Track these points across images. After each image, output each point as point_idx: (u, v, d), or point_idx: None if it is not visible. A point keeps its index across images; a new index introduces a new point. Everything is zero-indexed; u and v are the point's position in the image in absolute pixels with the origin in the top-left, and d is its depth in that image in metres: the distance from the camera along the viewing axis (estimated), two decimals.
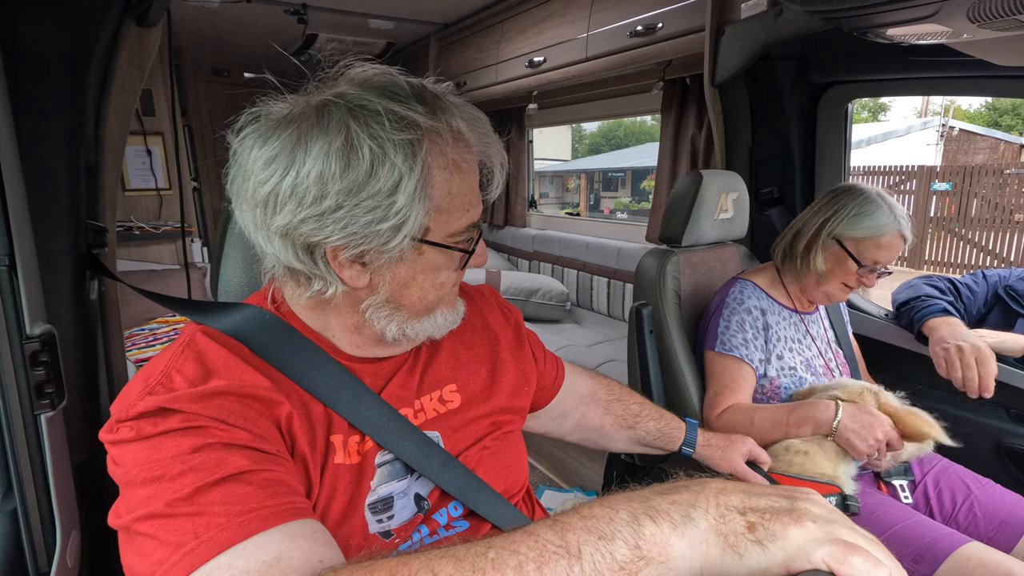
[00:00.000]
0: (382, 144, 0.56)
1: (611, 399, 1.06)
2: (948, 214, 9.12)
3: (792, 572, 0.38)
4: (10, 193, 0.67)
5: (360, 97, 0.58)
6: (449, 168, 0.60)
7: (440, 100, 0.61)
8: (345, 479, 0.63)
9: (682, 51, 1.88)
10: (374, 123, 0.56)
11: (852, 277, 1.22)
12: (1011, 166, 9.22)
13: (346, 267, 0.61)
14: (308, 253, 0.60)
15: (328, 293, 0.62)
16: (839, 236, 1.21)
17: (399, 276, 0.63)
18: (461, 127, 0.61)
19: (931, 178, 9.29)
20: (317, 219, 0.57)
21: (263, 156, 0.58)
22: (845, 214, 1.21)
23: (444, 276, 0.66)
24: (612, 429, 1.05)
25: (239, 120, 0.61)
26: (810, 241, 1.25)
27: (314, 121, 0.57)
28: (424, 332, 0.69)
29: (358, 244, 0.58)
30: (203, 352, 0.59)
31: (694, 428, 1.07)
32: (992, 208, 8.76)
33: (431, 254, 0.63)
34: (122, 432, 0.53)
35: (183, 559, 0.46)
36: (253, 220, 0.61)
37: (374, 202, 0.56)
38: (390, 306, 0.64)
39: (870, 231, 1.18)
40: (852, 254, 1.20)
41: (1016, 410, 1.40)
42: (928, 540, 1.00)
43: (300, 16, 2.82)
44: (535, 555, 0.41)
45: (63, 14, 0.80)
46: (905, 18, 0.86)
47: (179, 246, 2.99)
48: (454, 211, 0.62)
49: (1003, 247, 8.57)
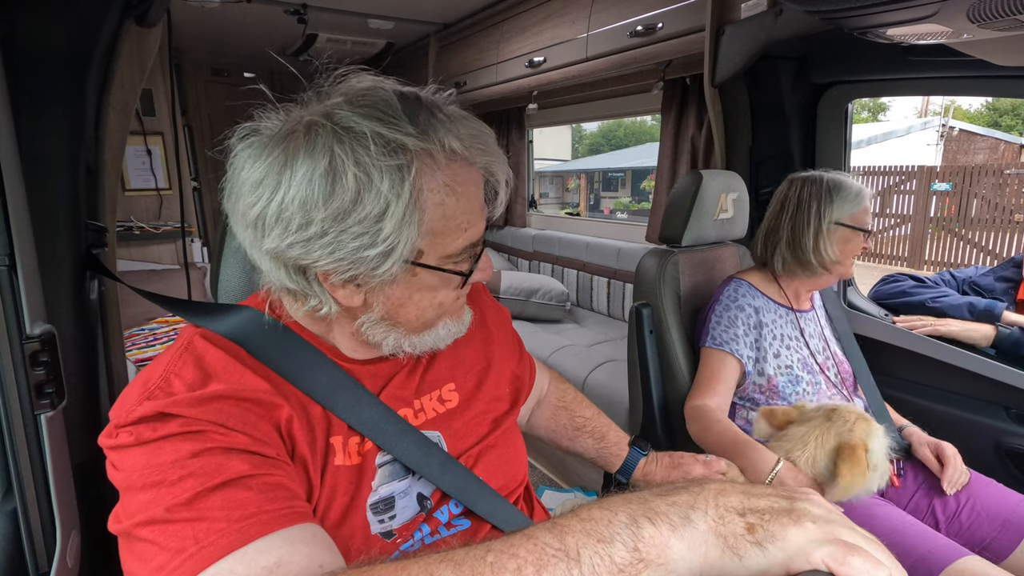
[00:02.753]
0: (367, 170, 0.54)
1: (559, 406, 1.04)
2: (948, 214, 9.11)
3: (792, 573, 0.38)
4: (10, 193, 0.67)
5: (348, 118, 0.55)
6: (441, 190, 0.58)
7: (434, 117, 0.58)
8: (345, 480, 0.62)
9: (682, 51, 1.88)
10: (360, 148, 0.54)
11: (858, 249, 1.28)
12: (1011, 166, 9.20)
13: (339, 288, 0.60)
14: (300, 273, 0.59)
15: (323, 311, 0.61)
16: (839, 220, 1.26)
17: (394, 297, 0.62)
18: (456, 146, 0.58)
19: (931, 178, 9.28)
20: (304, 244, 0.56)
21: (251, 177, 0.57)
22: (830, 200, 1.26)
23: (442, 296, 0.65)
24: (554, 435, 1.04)
25: (234, 132, 0.60)
26: (816, 238, 1.26)
27: (302, 142, 0.55)
28: (425, 345, 0.68)
29: (347, 269, 0.57)
30: (202, 356, 0.59)
31: (637, 458, 1.02)
32: (992, 208, 8.75)
33: (425, 276, 0.61)
34: (121, 437, 0.52)
35: (183, 564, 0.46)
36: (246, 238, 0.60)
37: (361, 228, 0.55)
38: (386, 323, 0.64)
39: (856, 202, 1.26)
40: (858, 227, 1.26)
41: (1016, 410, 1.40)
42: (924, 552, 0.99)
43: (300, 16, 2.82)
44: (534, 559, 0.41)
45: (63, 14, 0.80)
46: (905, 18, 0.86)
47: (179, 246, 2.98)
48: (449, 233, 0.60)
49: (1003, 247, 8.56)
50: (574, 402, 1.06)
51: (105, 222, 0.97)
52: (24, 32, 0.76)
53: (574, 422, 1.04)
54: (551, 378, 1.06)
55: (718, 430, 1.17)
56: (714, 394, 1.25)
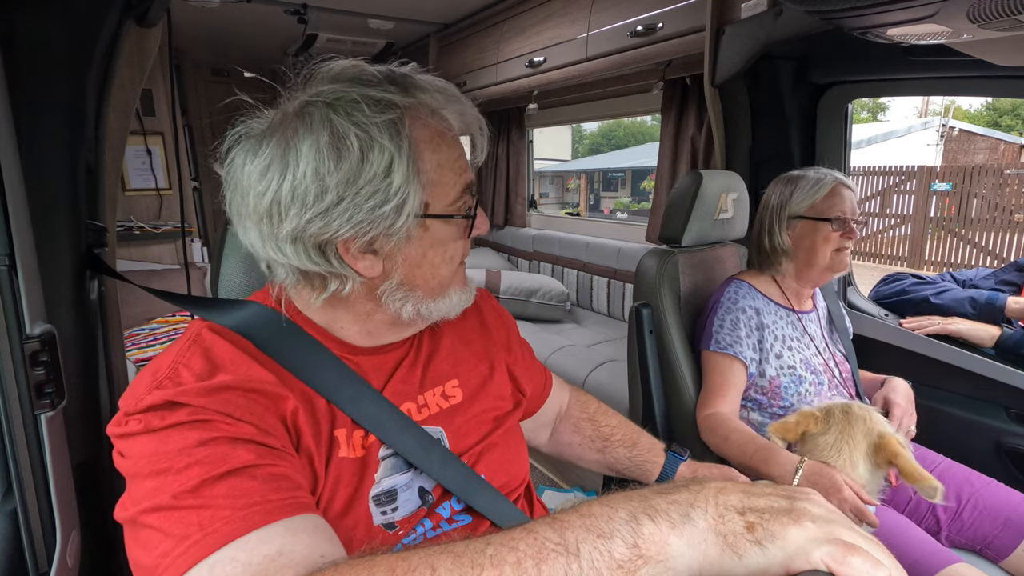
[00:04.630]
0: (367, 129, 0.57)
1: (582, 417, 1.01)
2: (948, 214, 9.11)
3: (791, 572, 0.38)
4: (10, 193, 0.67)
5: (335, 91, 0.59)
6: (434, 140, 0.62)
7: (409, 78, 0.63)
8: (349, 472, 0.63)
9: (682, 51, 1.88)
10: (355, 111, 0.57)
11: (834, 237, 1.26)
12: (1011, 166, 9.20)
13: (359, 259, 0.62)
14: (320, 253, 0.61)
15: (346, 290, 0.64)
16: (795, 214, 1.28)
17: (410, 256, 0.64)
18: (434, 99, 0.63)
19: (931, 178, 9.28)
20: (323, 216, 0.58)
21: (256, 168, 0.59)
22: (788, 195, 1.29)
23: (452, 248, 0.68)
24: (581, 449, 1.01)
25: (224, 143, 0.62)
26: (780, 234, 1.30)
27: (297, 124, 0.58)
28: (439, 311, 0.70)
29: (366, 231, 0.60)
30: (210, 347, 0.60)
31: (675, 463, 0.97)
32: (992, 208, 8.75)
33: (436, 228, 0.65)
34: (130, 425, 0.53)
35: (187, 551, 0.46)
36: (260, 234, 0.62)
37: (372, 187, 0.58)
38: (405, 288, 0.66)
39: (812, 194, 1.26)
40: (819, 218, 1.26)
41: (1016, 410, 1.40)
42: (915, 558, 0.99)
43: (300, 16, 2.82)
44: (534, 552, 0.41)
45: (63, 14, 0.80)
46: (905, 18, 0.86)
47: (179, 246, 2.99)
48: (447, 181, 0.64)
49: (1003, 247, 8.56)
50: (598, 412, 1.03)
51: (105, 222, 0.97)
52: (24, 32, 0.76)
53: (600, 432, 1.00)
54: (572, 392, 1.04)
55: (737, 438, 1.17)
56: (726, 400, 1.25)
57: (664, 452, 0.99)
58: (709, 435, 1.24)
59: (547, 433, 1.03)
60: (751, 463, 1.10)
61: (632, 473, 0.99)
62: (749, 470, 1.10)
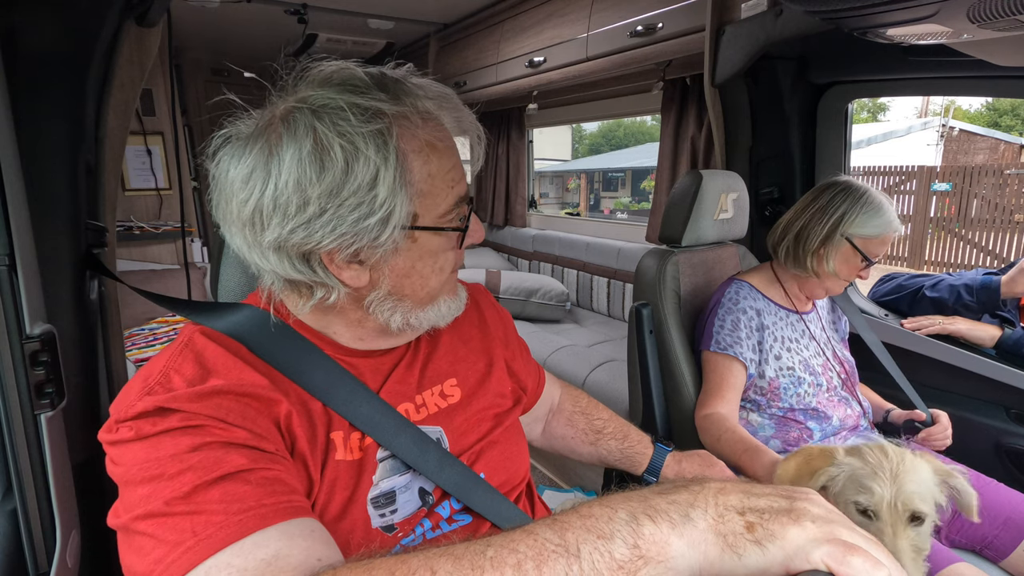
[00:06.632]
0: (352, 140, 0.55)
1: (575, 411, 1.04)
2: (948, 214, 9.12)
3: (791, 572, 0.38)
4: (10, 193, 0.67)
5: (321, 97, 0.57)
6: (424, 150, 0.60)
7: (402, 84, 0.60)
8: (345, 475, 0.63)
9: (682, 51, 1.88)
10: (340, 120, 0.55)
11: (854, 272, 1.24)
12: (1011, 166, 9.20)
13: (344, 269, 0.61)
14: (304, 262, 0.60)
15: (331, 299, 0.62)
16: (850, 235, 1.22)
17: (398, 268, 0.63)
18: (428, 107, 0.61)
19: (931, 178, 9.28)
20: (305, 226, 0.56)
21: (239, 175, 0.58)
22: (856, 213, 1.21)
23: (443, 259, 0.66)
24: (574, 442, 1.04)
25: (212, 145, 0.61)
26: (822, 242, 1.24)
27: (281, 130, 0.57)
28: (428, 321, 0.69)
29: (351, 243, 0.58)
30: (201, 352, 0.59)
31: (663, 454, 1.02)
32: (992, 208, 8.75)
33: (425, 239, 0.63)
34: (121, 432, 0.53)
35: (181, 557, 0.46)
36: (244, 240, 0.61)
37: (357, 199, 0.56)
38: (393, 299, 0.65)
39: (879, 229, 1.21)
40: (862, 251, 1.22)
41: (1016, 410, 1.40)
42: None
43: (300, 16, 2.82)
44: (534, 554, 0.41)
45: (63, 14, 0.80)
46: (905, 18, 0.86)
47: (179, 246, 2.98)
48: (438, 192, 0.62)
49: (1003, 247, 8.56)
50: (589, 406, 1.06)
51: (105, 222, 0.97)
52: (24, 32, 0.76)
53: (593, 425, 1.03)
54: (563, 387, 1.06)
55: (728, 438, 1.17)
56: (725, 401, 1.25)
57: (652, 444, 1.04)
58: (704, 435, 1.24)
59: (540, 428, 1.04)
60: (739, 463, 1.11)
61: (622, 464, 1.03)
62: (739, 471, 1.11)
